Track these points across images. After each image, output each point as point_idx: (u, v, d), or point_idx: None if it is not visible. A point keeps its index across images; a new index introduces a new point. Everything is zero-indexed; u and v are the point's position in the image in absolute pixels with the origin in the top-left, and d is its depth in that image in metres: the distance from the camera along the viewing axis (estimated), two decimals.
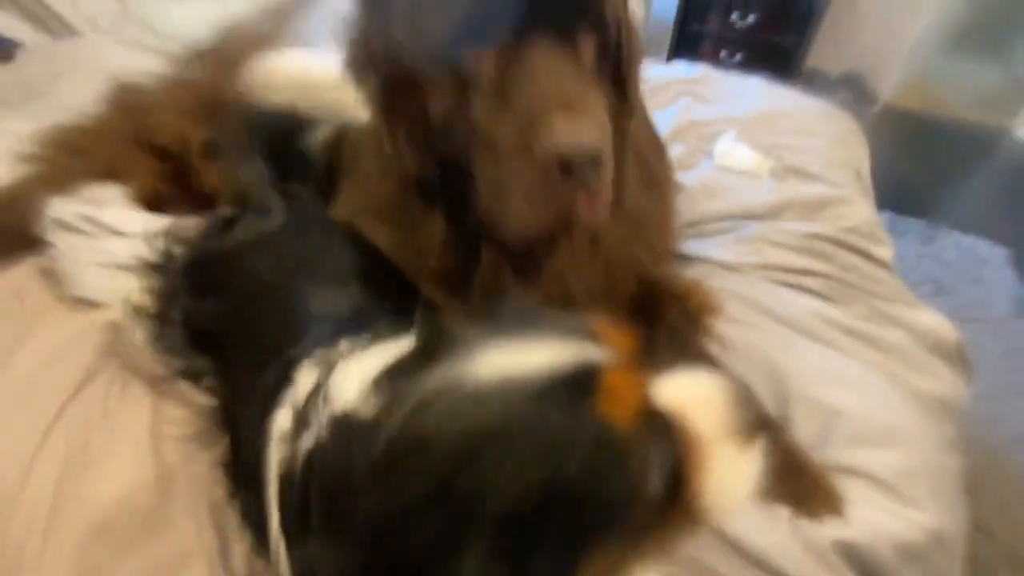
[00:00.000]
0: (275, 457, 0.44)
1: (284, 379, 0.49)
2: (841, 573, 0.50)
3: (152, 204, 0.85)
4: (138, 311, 0.74)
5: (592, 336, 0.34)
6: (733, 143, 1.04)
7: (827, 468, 0.55)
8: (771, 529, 0.51)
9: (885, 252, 0.85)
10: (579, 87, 0.48)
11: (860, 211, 0.91)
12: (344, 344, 0.49)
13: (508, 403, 0.30)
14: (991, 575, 1.09)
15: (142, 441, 0.60)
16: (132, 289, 0.75)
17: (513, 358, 0.31)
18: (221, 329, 0.67)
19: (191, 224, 0.79)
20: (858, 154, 1.13)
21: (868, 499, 0.53)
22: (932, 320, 0.75)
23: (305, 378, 0.47)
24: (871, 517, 0.52)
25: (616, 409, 0.31)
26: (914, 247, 1.90)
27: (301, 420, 0.42)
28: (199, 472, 0.59)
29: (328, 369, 0.45)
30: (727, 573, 0.49)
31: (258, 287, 0.66)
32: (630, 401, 0.32)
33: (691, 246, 0.85)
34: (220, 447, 0.61)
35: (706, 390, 0.35)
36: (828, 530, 0.51)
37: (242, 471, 0.58)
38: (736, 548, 0.50)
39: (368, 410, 0.34)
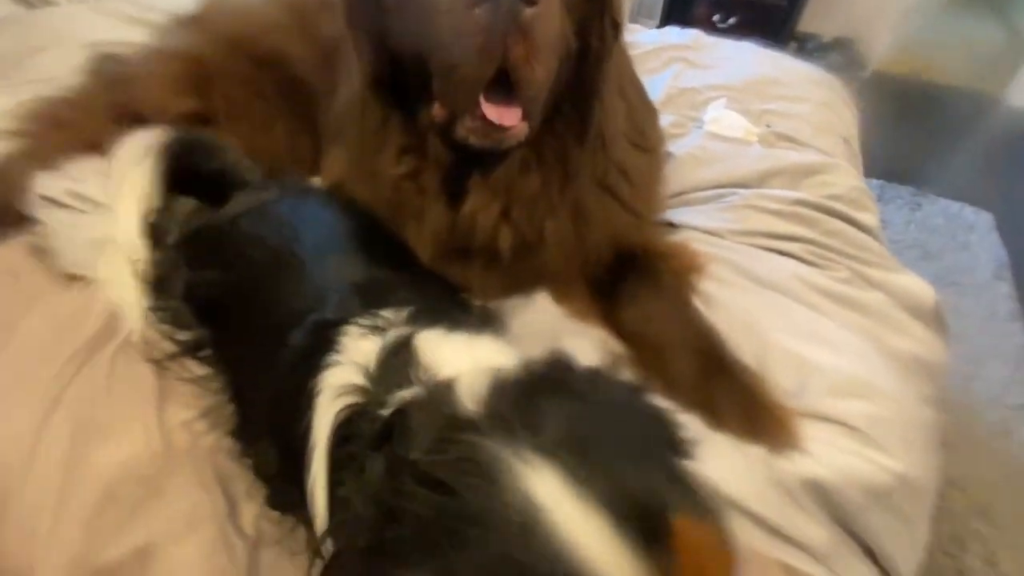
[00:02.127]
0: (328, 410, 0.44)
1: (323, 342, 0.49)
2: (809, 511, 0.53)
3: None
4: (137, 282, 0.73)
5: None
6: (723, 110, 1.05)
7: (796, 412, 0.58)
8: (744, 470, 0.54)
9: (870, 218, 0.87)
10: None
11: (846, 178, 0.92)
12: (389, 313, 0.49)
13: None
14: (962, 526, 1.14)
15: (148, 414, 0.61)
16: (130, 260, 0.74)
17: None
18: (224, 298, 0.67)
19: (182, 201, 0.79)
20: (847, 120, 1.14)
21: (841, 445, 0.57)
22: (911, 282, 0.77)
23: (359, 343, 0.47)
24: (842, 460, 0.55)
25: None
26: (902, 213, 1.93)
27: (387, 375, 0.43)
28: (204, 443, 0.60)
29: (392, 338, 0.46)
30: None
31: (261, 254, 0.66)
32: None
33: (677, 215, 0.86)
34: (225, 417, 0.62)
35: None
36: (799, 469, 0.54)
37: (256, 430, 0.59)
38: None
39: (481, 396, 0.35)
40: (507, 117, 0.54)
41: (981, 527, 1.13)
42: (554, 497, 0.28)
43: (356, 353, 0.46)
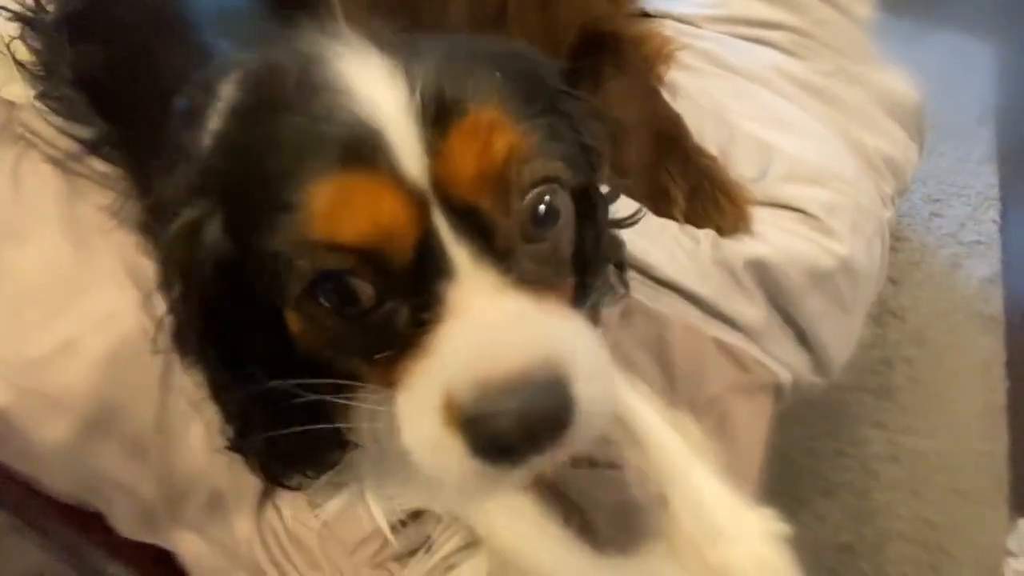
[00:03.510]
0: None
1: (206, 97, 0.44)
2: (749, 290, 0.53)
3: None
4: (18, 70, 0.66)
5: None
6: None
7: (753, 196, 0.56)
8: (686, 252, 0.53)
9: (864, 10, 0.79)
10: None
11: None
12: None
13: None
14: (894, 351, 1.21)
15: (55, 214, 0.59)
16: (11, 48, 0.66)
17: None
18: (113, 77, 0.61)
19: None
20: None
21: (791, 228, 0.55)
22: (895, 82, 0.73)
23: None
24: (790, 242, 0.54)
25: None
26: (900, 50, 1.80)
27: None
28: (114, 240, 0.59)
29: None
30: (639, 298, 0.52)
31: (144, 17, 0.59)
32: None
33: (652, 2, 0.76)
34: (133, 213, 0.59)
35: None
36: (743, 248, 0.53)
37: (162, 215, 0.57)
38: (647, 273, 0.52)
39: None
40: None
41: (912, 352, 1.21)
42: (362, 70, 0.30)
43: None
